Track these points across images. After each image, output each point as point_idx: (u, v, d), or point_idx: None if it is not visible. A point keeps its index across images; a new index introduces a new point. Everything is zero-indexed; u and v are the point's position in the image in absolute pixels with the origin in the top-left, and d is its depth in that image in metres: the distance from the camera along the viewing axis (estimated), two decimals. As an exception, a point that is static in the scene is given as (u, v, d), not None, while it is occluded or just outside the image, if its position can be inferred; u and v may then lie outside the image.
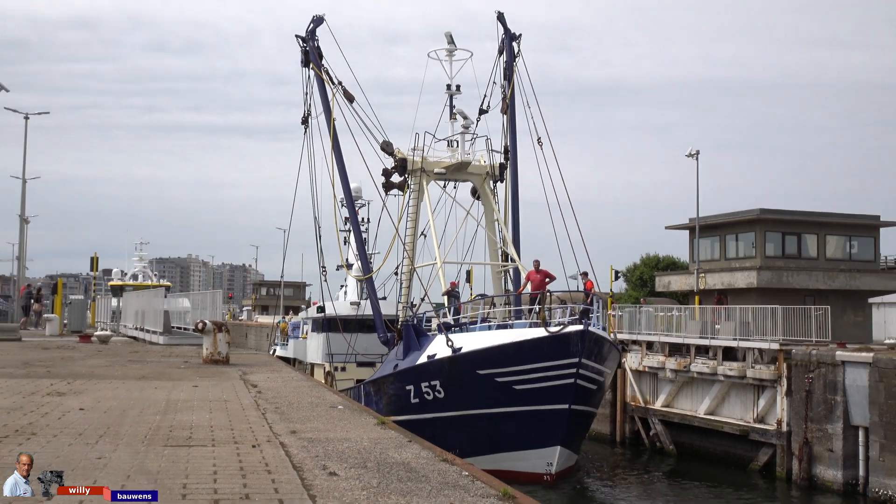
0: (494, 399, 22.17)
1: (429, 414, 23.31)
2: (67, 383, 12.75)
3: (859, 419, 23.90)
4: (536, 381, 21.56)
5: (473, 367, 22.50)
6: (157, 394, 11.84)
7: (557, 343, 21.27)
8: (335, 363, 32.64)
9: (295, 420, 9.69)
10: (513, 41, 31.79)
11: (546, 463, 22.30)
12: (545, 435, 21.97)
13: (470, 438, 21.91)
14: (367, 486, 6.24)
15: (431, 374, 23.66)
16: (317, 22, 32.63)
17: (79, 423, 8.80)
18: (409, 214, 30.37)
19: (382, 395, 26.12)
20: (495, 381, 22.01)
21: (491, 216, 31.19)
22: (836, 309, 32.09)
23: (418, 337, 26.20)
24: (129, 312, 37.22)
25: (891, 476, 22.78)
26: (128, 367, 16.44)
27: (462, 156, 30.05)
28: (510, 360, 21.90)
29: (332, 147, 31.21)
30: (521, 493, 6.29)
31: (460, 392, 22.81)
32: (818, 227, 41.58)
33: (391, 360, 27.65)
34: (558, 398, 21.50)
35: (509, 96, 31.20)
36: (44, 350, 21.33)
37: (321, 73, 31.90)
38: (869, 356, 23.97)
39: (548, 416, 21.77)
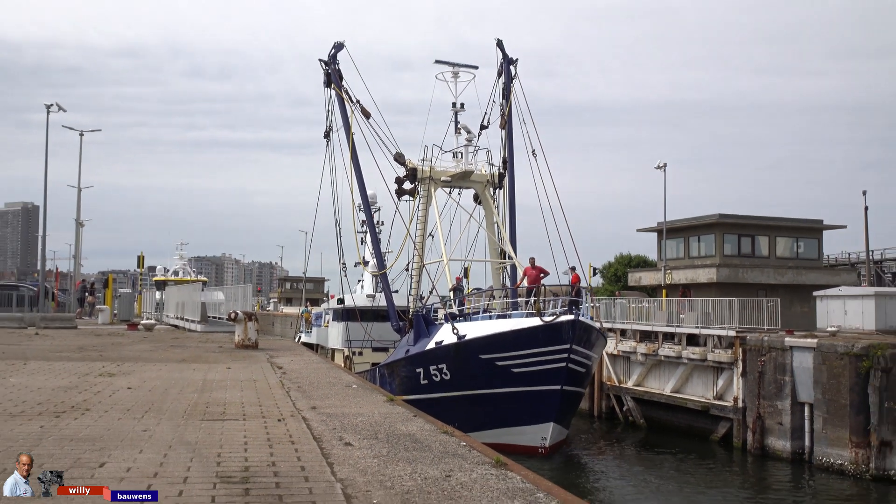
0: (495, 380, 22.15)
1: (436, 393, 23.30)
2: (117, 365, 12.77)
3: (805, 396, 23.93)
4: (532, 365, 21.61)
5: (476, 352, 22.44)
6: (195, 375, 11.86)
7: (550, 331, 21.25)
8: (353, 348, 32.54)
9: (315, 397, 9.71)
10: (510, 65, 31.61)
11: (541, 437, 22.26)
12: (540, 412, 21.98)
13: (472, 415, 21.79)
14: (378, 454, 6.26)
15: (439, 359, 23.58)
16: (338, 48, 32.38)
17: (127, 400, 8.83)
18: (418, 217, 30.29)
19: (395, 377, 25.94)
20: (495, 364, 22.01)
21: (491, 219, 31.01)
22: (785, 301, 32.09)
23: (427, 326, 26.08)
24: (170, 304, 37.24)
25: (832, 446, 22.81)
26: (169, 352, 16.45)
27: (466, 166, 30.03)
28: (509, 347, 21.91)
29: (351, 158, 31.03)
30: (512, 461, 6.30)
31: (464, 374, 22.82)
32: (769, 229, 41.60)
33: (403, 346, 27.44)
34: (551, 380, 21.52)
35: (507, 113, 31.08)
36: (96, 336, 21.34)
37: (341, 93, 31.60)
38: (813, 342, 24.00)
39: (542, 396, 21.76)
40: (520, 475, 5.79)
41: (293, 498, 4.84)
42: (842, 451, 22.48)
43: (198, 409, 8.33)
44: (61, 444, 6.21)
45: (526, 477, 5.75)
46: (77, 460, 5.64)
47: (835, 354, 22.97)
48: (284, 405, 8.85)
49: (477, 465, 6.02)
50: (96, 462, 5.61)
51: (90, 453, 5.89)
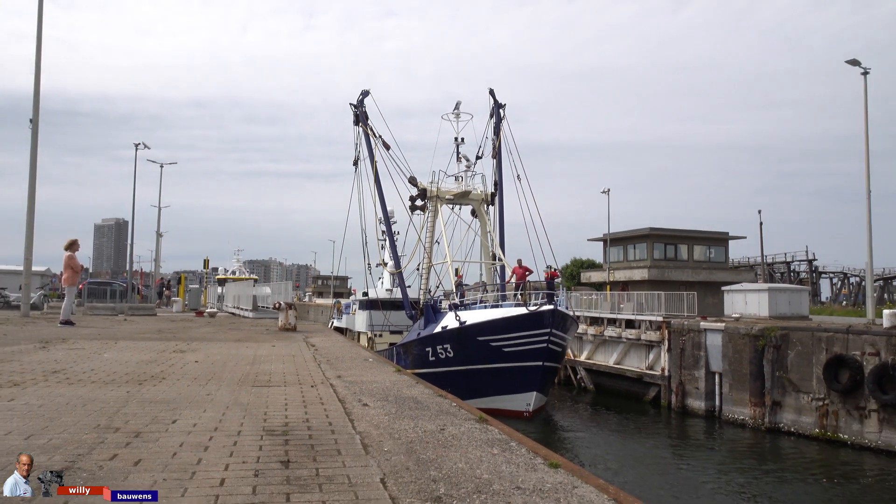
0: (489, 358, 21.91)
1: (442, 368, 23.14)
2: (186, 344, 12.69)
3: (716, 367, 23.96)
4: (519, 345, 21.41)
5: (475, 335, 22.24)
6: (247, 351, 11.79)
7: (534, 318, 21.06)
8: (375, 331, 32.58)
9: (340, 368, 9.64)
10: (500, 108, 31.71)
11: (525, 403, 22.03)
12: (525, 383, 21.75)
13: (470, 385, 21.63)
14: (388, 412, 6.21)
15: (444, 340, 23.33)
16: (364, 94, 32.43)
17: (194, 371, 8.75)
18: (427, 227, 30.50)
19: (409, 355, 25.63)
20: (490, 345, 21.82)
21: (485, 229, 31.13)
22: (700, 294, 32.17)
23: (435, 314, 25.88)
24: (229, 296, 37.07)
25: (736, 405, 22.84)
26: (228, 333, 16.37)
27: (465, 186, 30.59)
28: (501, 330, 21.70)
29: (375, 181, 31.09)
30: (492, 418, 6.26)
31: (465, 353, 22.60)
32: (688, 239, 41.72)
33: (415, 330, 27.06)
34: (535, 357, 21.34)
35: (498, 146, 31.13)
36: (171, 322, 21.23)
37: (367, 130, 31.60)
38: (722, 325, 24.04)
39: (527, 371, 21.58)
40: (497, 429, 5.76)
41: (323, 447, 4.79)
42: (743, 409, 22.51)
43: (249, 377, 8.27)
44: (143, 405, 6.15)
45: (502, 430, 5.72)
46: (155, 418, 5.58)
47: (738, 335, 23.01)
48: (316, 374, 8.79)
49: (465, 421, 5.98)
50: (170, 419, 5.55)
51: (165, 412, 5.83)
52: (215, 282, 64.57)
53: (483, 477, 4.18)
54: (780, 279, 69.85)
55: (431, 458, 4.57)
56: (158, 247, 49.31)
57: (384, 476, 4.09)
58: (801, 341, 20.88)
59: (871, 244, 24.41)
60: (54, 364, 8.86)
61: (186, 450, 4.57)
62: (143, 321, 20.85)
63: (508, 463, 4.56)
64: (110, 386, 7.19)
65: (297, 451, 4.61)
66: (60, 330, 15.20)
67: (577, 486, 4.07)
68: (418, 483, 3.98)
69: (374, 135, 31.21)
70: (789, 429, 20.78)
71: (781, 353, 21.33)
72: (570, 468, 4.51)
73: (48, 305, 30.56)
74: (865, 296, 29.84)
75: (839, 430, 19.35)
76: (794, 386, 20.84)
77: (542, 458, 4.73)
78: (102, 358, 9.88)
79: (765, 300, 26.77)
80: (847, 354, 19.26)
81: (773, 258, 73.51)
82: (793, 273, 73.79)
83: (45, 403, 6.03)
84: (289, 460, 4.38)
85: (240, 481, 3.90)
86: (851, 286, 73.49)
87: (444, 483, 4.00)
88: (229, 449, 4.64)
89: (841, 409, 19.37)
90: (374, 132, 31.28)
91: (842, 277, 75.73)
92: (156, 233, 47.84)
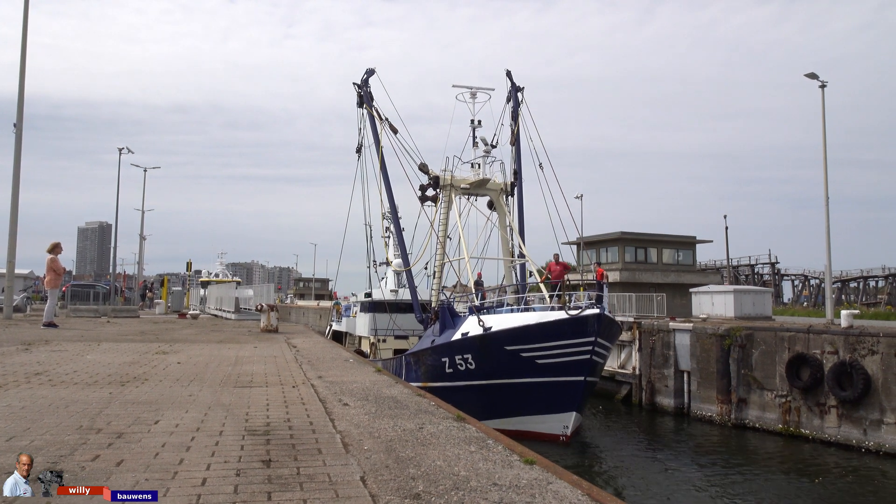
0: (519, 371, 18.06)
1: (461, 382, 19.26)
2: (169, 345, 12.52)
3: (684, 365, 24.21)
4: (557, 357, 17.60)
5: (502, 343, 18.20)
6: (230, 352, 11.66)
7: (576, 324, 17.21)
8: (378, 336, 28.37)
9: (321, 369, 9.58)
10: (517, 91, 27.98)
11: (562, 426, 18.16)
12: (563, 402, 17.94)
13: (495, 403, 18.27)
14: (368, 412, 6.18)
15: (464, 349, 19.23)
16: (369, 73, 28.75)
17: (177, 372, 8.64)
18: (440, 220, 26.45)
19: (421, 365, 21.42)
20: (520, 355, 17.91)
21: (504, 222, 27.11)
22: (669, 296, 32.50)
23: (453, 318, 21.44)
24: (211, 298, 36.69)
25: (704, 402, 23.08)
26: (210, 335, 16.18)
27: (484, 174, 26.38)
28: (534, 339, 17.75)
29: (381, 168, 27.13)
30: (469, 416, 6.26)
31: (489, 364, 18.63)
32: (658, 243, 42.15)
33: (428, 337, 22.47)
34: (576, 371, 17.56)
35: (516, 132, 27.84)
36: (154, 324, 20.93)
37: (372, 112, 27.77)
38: (690, 325, 24.30)
39: (566, 387, 17.76)
40: (475, 427, 5.76)
41: (304, 446, 4.76)
42: (711, 406, 22.76)
43: (231, 378, 8.18)
44: (125, 406, 6.05)
45: (479, 428, 5.72)
46: (137, 418, 5.50)
47: (705, 335, 23.28)
48: (297, 375, 8.73)
49: (443, 420, 5.97)
50: (152, 420, 5.47)
51: (147, 413, 5.74)
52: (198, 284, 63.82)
53: (461, 474, 4.18)
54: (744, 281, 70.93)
55: (410, 457, 4.56)
56: (142, 250, 48.73)
57: (364, 474, 4.07)
58: (765, 341, 21.18)
59: (829, 248, 24.88)
60: (37, 366, 8.68)
61: (169, 450, 4.50)
62: (126, 323, 20.52)
63: (485, 460, 4.56)
64: (93, 387, 7.07)
65: (279, 451, 4.57)
66: (43, 332, 14.91)
67: (552, 482, 4.09)
68: (397, 481, 3.97)
69: (380, 118, 27.39)
70: (754, 425, 21.06)
71: (746, 352, 21.63)
72: (544, 464, 4.53)
73: (31, 308, 30.00)
74: (825, 297, 30.37)
75: (801, 425, 19.66)
76: (759, 383, 21.13)
77: (518, 456, 4.74)
78: (85, 360, 9.70)
79: (730, 301, 27.13)
80: (808, 353, 19.59)
81: (738, 261, 74.66)
82: (757, 275, 74.98)
83: (27, 405, 5.91)
84: (270, 460, 4.33)
85: (221, 481, 3.86)
86: (811, 288, 74.84)
87: (422, 480, 3.99)
88: (211, 449, 4.58)
89: (802, 405, 19.69)
90: (380, 114, 27.50)
91: (802, 280, 77.12)
92: (139, 236, 47.30)
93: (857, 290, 73.03)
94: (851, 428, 18.28)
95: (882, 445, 17.40)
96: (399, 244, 27.93)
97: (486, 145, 26.80)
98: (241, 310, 27.01)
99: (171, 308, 32.99)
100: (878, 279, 71.81)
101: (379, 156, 27.04)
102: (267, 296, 23.45)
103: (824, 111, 25.20)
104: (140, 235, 47.17)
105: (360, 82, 28.69)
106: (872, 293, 71.54)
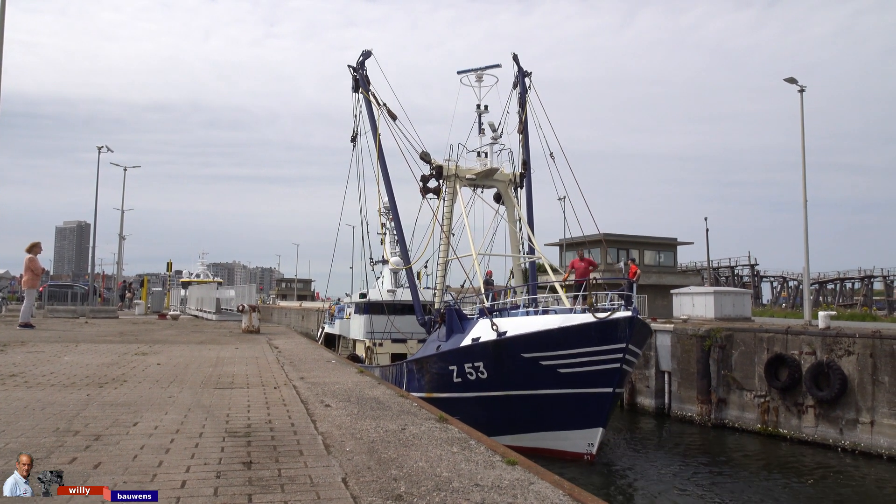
0: (537, 381, 15.87)
1: (471, 393, 17.12)
2: (149, 346, 12.38)
3: (665, 366, 24.39)
4: (582, 365, 15.37)
5: (518, 350, 15.96)
6: (210, 353, 11.56)
7: (606, 329, 14.98)
8: (374, 339, 25.98)
9: (303, 370, 9.53)
10: (525, 77, 25.73)
11: (587, 443, 15.91)
12: (588, 417, 15.67)
13: (510, 417, 16.35)
14: (351, 413, 6.16)
15: (475, 356, 17.00)
16: (366, 55, 26.55)
17: (156, 373, 8.54)
18: (444, 213, 23.90)
19: (425, 374, 19.06)
20: (539, 364, 15.64)
21: (513, 216, 24.69)
22: (651, 297, 32.79)
23: (461, 320, 19.22)
24: (192, 299, 36.32)
25: (684, 403, 23.27)
26: (191, 336, 16.02)
27: (492, 163, 23.91)
28: (556, 345, 15.55)
29: (378, 157, 24.82)
30: (452, 418, 6.26)
31: (503, 373, 16.42)
32: (639, 244, 42.52)
33: (433, 342, 20.09)
34: (603, 382, 15.36)
35: (524, 120, 25.32)
36: (133, 324, 20.69)
37: (369, 96, 25.62)
38: (671, 327, 24.49)
39: (592, 399, 15.52)
40: (457, 427, 5.76)
41: (285, 448, 4.73)
42: (691, 406, 22.96)
43: (212, 379, 8.11)
44: (103, 408, 5.97)
45: (462, 429, 5.72)
46: (116, 420, 5.43)
47: (686, 335, 23.48)
48: (279, 376, 8.67)
49: (425, 421, 5.97)
50: (131, 422, 5.41)
51: (126, 415, 5.67)
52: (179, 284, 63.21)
53: (443, 475, 4.17)
54: (724, 283, 71.71)
55: (392, 458, 4.55)
56: (121, 250, 48.14)
57: (346, 476, 4.05)
58: (745, 341, 21.42)
59: (807, 250, 25.26)
60: (12, 367, 8.54)
61: (147, 452, 4.45)
62: (105, 324, 20.26)
63: (468, 461, 4.56)
64: (70, 389, 6.97)
65: (260, 453, 4.53)
66: (19, 333, 14.67)
67: (534, 483, 4.10)
68: (379, 482, 3.95)
69: (377, 103, 25.23)
70: (734, 424, 21.28)
71: (726, 352, 21.85)
72: (526, 465, 4.54)
73: (7, 308, 29.54)
74: (803, 298, 30.82)
75: (779, 425, 19.90)
76: (738, 384, 21.36)
77: (501, 456, 4.75)
78: (62, 361, 9.56)
79: (711, 303, 27.38)
80: (786, 354, 19.84)
81: (718, 263, 75.51)
82: (736, 277, 75.85)
83: (1, 407, 5.81)
84: (251, 461, 4.30)
85: (201, 483, 3.82)
86: (790, 289, 75.89)
87: (404, 482, 3.98)
88: (191, 451, 4.54)
89: (781, 405, 19.93)
90: (377, 100, 25.37)
91: (781, 281, 78.17)
92: (119, 235, 46.70)
93: (835, 291, 74.21)
94: (828, 427, 18.54)
95: (858, 445, 17.67)
96: (399, 239, 25.63)
97: (493, 131, 24.27)
98: (223, 310, 26.78)
99: (151, 309, 32.63)
100: (854, 281, 73.01)
101: (376, 144, 24.93)
102: (249, 296, 23.29)
103: (803, 115, 25.58)
104: (119, 235, 46.61)
105: (355, 64, 26.59)
106: (849, 295, 72.73)
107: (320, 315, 44.06)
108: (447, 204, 23.94)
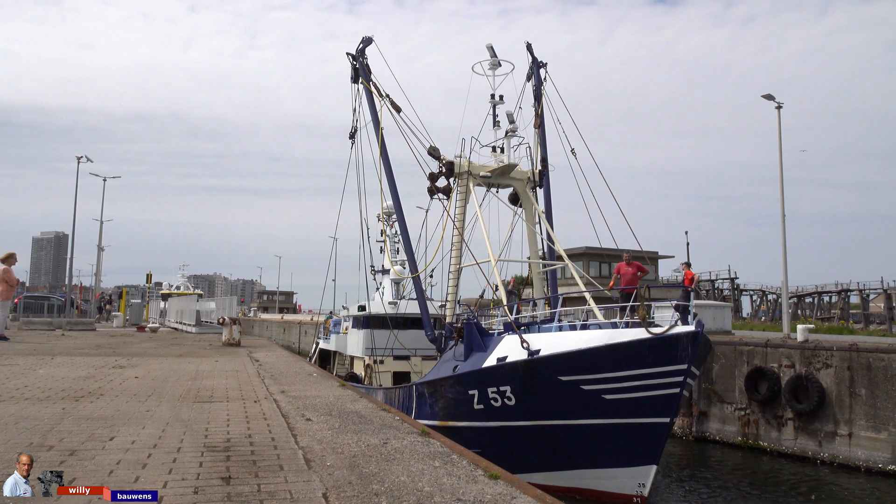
0: (578, 409, 13.07)
1: (495, 422, 14.21)
2: (127, 359, 12.20)
3: (647, 380, 24.43)
4: (633, 391, 12.62)
5: (555, 372, 13.11)
6: (189, 366, 11.42)
7: (664, 346, 12.38)
8: (374, 357, 23.21)
9: (284, 383, 9.44)
10: (539, 68, 22.99)
11: (638, 483, 12.95)
12: (639, 452, 12.85)
13: (544, 451, 13.60)
14: (332, 427, 6.11)
15: (501, 379, 14.04)
16: (366, 42, 24.09)
17: (134, 387, 8.42)
18: (455, 215, 20.84)
19: (438, 399, 16.28)
20: (580, 388, 12.86)
21: (532, 218, 21.73)
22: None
23: (482, 336, 16.12)
24: (172, 311, 35.91)
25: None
26: (170, 349, 15.82)
27: (509, 159, 20.95)
28: (601, 366, 12.71)
29: (381, 154, 22.13)
30: (434, 431, 6.23)
31: (536, 400, 13.57)
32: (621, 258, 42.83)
33: (448, 361, 17.14)
34: (658, 410, 12.55)
35: (540, 114, 22.57)
36: (111, 337, 20.39)
37: (370, 87, 23.14)
38: (653, 340, 24.55)
39: (644, 431, 12.68)
40: (439, 442, 5.73)
41: (265, 462, 4.67)
42: (672, 419, 23.01)
43: (191, 393, 8.00)
44: (79, 422, 5.86)
45: (444, 443, 5.70)
46: (91, 435, 5.33)
47: (667, 349, 23.53)
48: (260, 390, 8.58)
49: (407, 435, 5.93)
50: (107, 436, 5.32)
51: (102, 429, 5.58)
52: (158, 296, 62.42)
53: (425, 490, 4.15)
54: (705, 296, 72.37)
55: (374, 472, 4.51)
56: (100, 261, 47.45)
57: (326, 491, 4.01)
58: (725, 354, 21.59)
59: (786, 264, 25.59)
60: (-15, 381, 8.37)
61: (124, 467, 4.38)
62: (82, 336, 19.95)
63: (450, 475, 4.54)
64: (45, 402, 6.84)
65: (239, 467, 4.47)
66: (-7, 345, 14.38)
67: (516, 497, 4.08)
68: (360, 497, 3.92)
69: (379, 94, 22.55)
70: (715, 437, 21.39)
71: (707, 365, 21.99)
72: (509, 479, 4.52)
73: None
74: (782, 312, 31.20)
75: (759, 437, 20.04)
76: (719, 397, 21.50)
77: (483, 471, 4.73)
78: (37, 374, 9.39)
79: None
80: (766, 367, 20.04)
81: (699, 276, 76.25)
82: (717, 290, 76.62)
83: (-27, 422, 5.69)
84: (230, 476, 4.24)
85: (178, 498, 3.76)
86: (769, 303, 76.79)
87: (386, 496, 3.95)
88: (168, 466, 4.47)
89: (761, 418, 20.09)
90: (379, 91, 22.70)
91: (761, 295, 79.10)
92: (97, 246, 46.04)
93: (813, 304, 75.23)
94: (807, 440, 18.71)
95: (836, 457, 17.84)
96: (405, 245, 22.36)
97: (511, 122, 21.31)
98: (203, 323, 26.49)
99: (130, 321, 32.20)
100: (831, 294, 74.06)
101: (378, 139, 22.27)
102: (229, 309, 23.03)
103: (780, 131, 26.02)
104: (98, 246, 45.96)
105: (355, 52, 24.04)
106: (826, 308, 73.73)
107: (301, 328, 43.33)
108: (460, 204, 21.01)
